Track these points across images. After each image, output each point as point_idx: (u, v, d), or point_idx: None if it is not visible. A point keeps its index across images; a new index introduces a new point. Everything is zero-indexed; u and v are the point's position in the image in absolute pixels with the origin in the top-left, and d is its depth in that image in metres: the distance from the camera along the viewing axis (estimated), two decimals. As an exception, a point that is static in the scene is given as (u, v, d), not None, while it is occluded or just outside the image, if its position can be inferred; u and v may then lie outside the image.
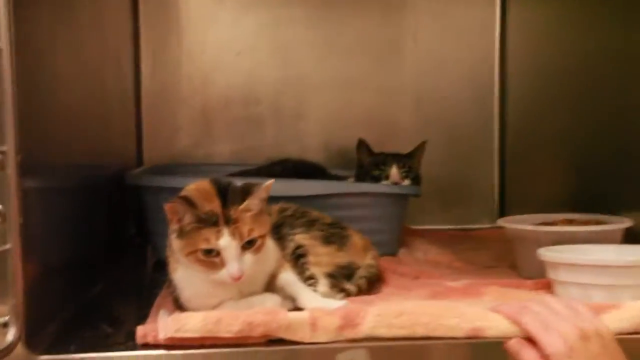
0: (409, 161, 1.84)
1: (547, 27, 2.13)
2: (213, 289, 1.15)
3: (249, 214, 1.12)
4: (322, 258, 1.32)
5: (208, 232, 1.09)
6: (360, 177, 1.84)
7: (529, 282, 1.38)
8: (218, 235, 1.09)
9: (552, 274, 1.27)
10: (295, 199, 1.45)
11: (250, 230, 1.12)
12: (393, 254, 1.71)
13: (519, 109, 2.20)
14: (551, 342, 0.98)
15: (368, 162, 1.86)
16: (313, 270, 1.29)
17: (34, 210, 1.05)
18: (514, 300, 1.24)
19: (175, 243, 1.14)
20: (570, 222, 1.55)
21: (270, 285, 1.23)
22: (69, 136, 1.32)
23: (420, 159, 1.89)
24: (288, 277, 1.23)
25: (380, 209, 1.68)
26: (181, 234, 1.12)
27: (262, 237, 1.15)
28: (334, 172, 2.00)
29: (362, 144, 1.89)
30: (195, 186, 1.16)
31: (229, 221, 1.10)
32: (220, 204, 1.12)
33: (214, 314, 1.06)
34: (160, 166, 1.98)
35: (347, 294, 1.30)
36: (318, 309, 1.10)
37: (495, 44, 2.23)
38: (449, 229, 2.11)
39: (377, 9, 2.20)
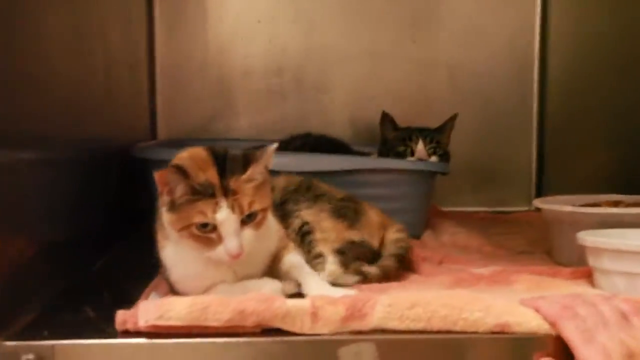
0: (437, 136, 1.70)
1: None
2: (205, 269, 1.05)
3: (250, 184, 1.01)
4: (329, 234, 1.20)
5: (204, 205, 0.98)
6: (384, 153, 1.72)
7: (566, 270, 1.24)
8: (215, 207, 0.98)
9: (593, 262, 1.13)
10: (313, 175, 1.34)
11: (251, 203, 1.01)
12: (417, 236, 1.58)
13: (560, 82, 2.04)
14: (590, 358, 0.84)
15: (393, 137, 1.73)
16: (320, 248, 1.17)
17: (13, 185, 0.96)
18: (548, 290, 1.11)
19: (165, 217, 1.03)
20: (616, 204, 1.40)
21: (273, 269, 1.11)
22: (56, 106, 1.21)
23: (449, 134, 1.75)
24: (293, 260, 1.11)
25: (403, 187, 1.55)
26: (172, 207, 1.01)
27: (264, 210, 1.03)
28: (359, 148, 1.87)
29: (386, 118, 1.76)
30: (189, 154, 1.05)
31: (227, 192, 0.99)
32: (217, 174, 1.00)
33: (201, 300, 0.93)
34: (173, 140, 1.88)
35: (366, 278, 1.18)
36: (321, 296, 0.98)
37: (536, 12, 2.07)
38: (480, 212, 1.97)
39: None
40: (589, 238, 1.14)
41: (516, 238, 1.61)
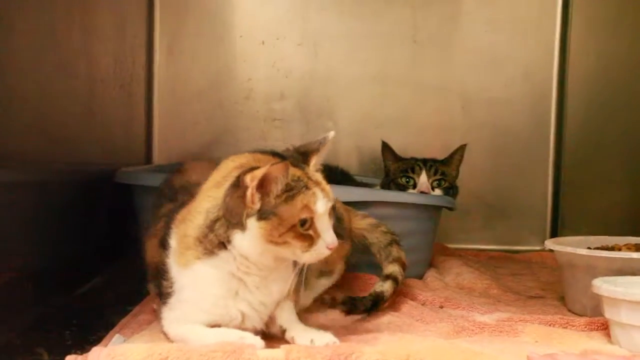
0: (442, 168, 1.59)
1: (617, 15, 1.87)
2: (233, 293, 0.95)
3: (319, 173, 0.96)
4: None
5: (306, 198, 0.91)
6: (386, 185, 1.61)
7: (580, 320, 1.13)
8: (314, 199, 0.91)
9: (610, 313, 1.02)
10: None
11: (330, 189, 0.95)
12: (419, 276, 1.46)
13: (578, 114, 1.93)
14: None
15: (395, 168, 1.63)
16: None
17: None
18: (558, 344, 1.00)
19: (257, 228, 0.90)
20: (637, 247, 1.27)
21: None
22: (33, 125, 1.15)
23: (457, 166, 1.64)
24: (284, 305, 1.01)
25: (404, 222, 1.42)
26: (266, 213, 0.90)
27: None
28: (364, 179, 1.77)
29: (385, 148, 1.66)
30: (250, 157, 0.97)
31: (313, 182, 0.93)
32: (294, 167, 0.93)
33: (159, 349, 0.83)
34: (160, 165, 1.78)
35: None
36: (297, 348, 0.86)
37: (555, 42, 1.96)
38: (490, 250, 1.85)
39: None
40: (605, 286, 1.02)
41: (527, 280, 1.49)
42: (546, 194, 1.96)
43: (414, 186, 1.56)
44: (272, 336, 0.99)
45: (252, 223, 0.90)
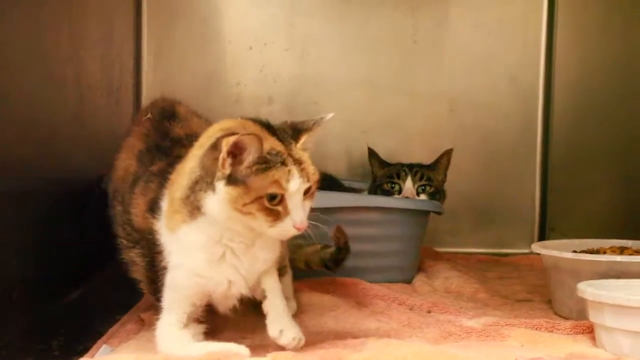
0: (428, 173, 1.60)
1: (603, 19, 1.88)
2: (222, 257, 0.95)
3: (307, 153, 0.95)
4: None
5: (278, 173, 0.89)
6: (373, 191, 1.61)
7: (565, 323, 1.13)
8: (288, 176, 0.90)
9: (594, 317, 1.02)
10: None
11: (314, 171, 0.94)
12: (408, 280, 1.46)
13: (566, 116, 1.93)
14: None
15: (381, 174, 1.63)
16: None
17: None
18: (544, 347, 1.01)
19: (224, 192, 0.89)
20: (622, 250, 1.28)
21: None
22: (19, 132, 1.13)
23: (444, 171, 1.64)
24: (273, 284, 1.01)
25: (391, 227, 1.44)
26: (234, 180, 0.89)
27: (316, 182, 0.95)
28: (353, 183, 1.76)
29: (372, 154, 1.67)
30: (238, 124, 0.94)
31: (294, 161, 0.92)
32: (279, 141, 0.92)
33: (147, 359, 0.83)
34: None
35: None
36: (284, 356, 0.87)
37: (541, 45, 1.97)
38: (479, 253, 1.85)
39: (407, 1, 1.96)
40: (589, 290, 1.03)
41: (514, 284, 1.50)
42: (534, 198, 1.96)
43: (400, 191, 1.56)
44: (257, 345, 0.99)
45: (220, 187, 0.89)
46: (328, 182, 1.65)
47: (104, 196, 1.50)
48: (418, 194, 1.56)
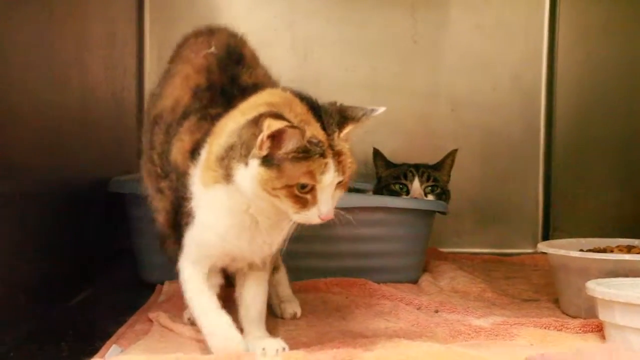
0: (435, 173, 1.60)
1: (603, 22, 1.88)
2: (242, 221, 0.93)
3: (348, 144, 0.90)
4: None
5: (314, 165, 0.86)
6: (379, 191, 1.61)
7: (574, 322, 1.13)
8: (324, 169, 0.86)
9: (604, 315, 1.02)
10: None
11: (350, 165, 0.90)
12: (414, 280, 1.46)
13: (569, 115, 1.94)
14: None
15: (387, 175, 1.63)
16: None
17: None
18: (553, 346, 1.00)
19: (257, 172, 0.87)
20: (630, 249, 1.28)
21: None
22: (23, 135, 1.13)
23: (449, 171, 1.64)
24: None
25: (398, 227, 1.43)
26: (270, 162, 0.87)
27: (353, 174, 0.92)
28: (356, 184, 1.76)
29: (377, 154, 1.67)
30: (283, 101, 0.89)
31: (333, 153, 0.87)
32: (322, 129, 0.88)
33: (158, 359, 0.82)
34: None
35: None
36: (296, 355, 0.87)
37: (543, 44, 1.97)
38: (483, 253, 1.85)
39: (407, 2, 1.97)
40: (598, 288, 1.03)
41: (520, 283, 1.50)
42: (537, 197, 1.96)
43: (407, 192, 1.57)
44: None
45: (253, 164, 0.87)
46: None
47: (109, 199, 1.51)
48: (426, 194, 1.56)
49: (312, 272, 1.38)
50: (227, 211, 0.92)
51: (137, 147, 1.89)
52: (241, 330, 0.99)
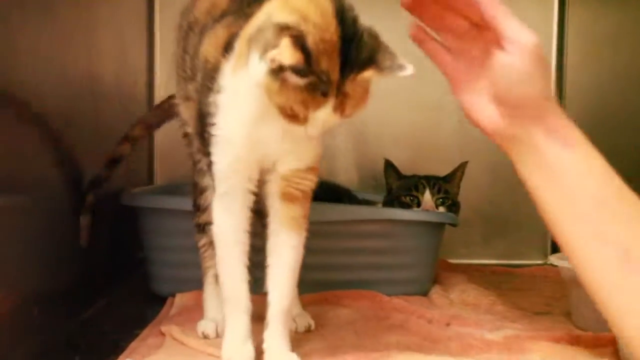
0: (445, 185, 1.60)
1: (613, 32, 1.88)
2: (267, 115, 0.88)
3: (363, 86, 0.86)
4: None
5: (311, 101, 0.83)
6: (389, 203, 1.61)
7: (587, 336, 1.13)
8: (319, 106, 0.83)
9: (617, 329, 1.00)
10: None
11: (355, 105, 0.87)
12: (423, 293, 1.46)
13: (578, 126, 1.92)
14: None
15: (398, 186, 1.63)
16: None
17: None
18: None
19: (262, 78, 0.83)
20: (641, 262, 1.27)
21: None
22: (36, 144, 1.13)
23: (459, 183, 1.64)
24: None
25: (409, 240, 1.44)
26: (277, 76, 0.82)
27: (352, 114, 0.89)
28: (365, 195, 1.77)
29: (388, 166, 1.66)
30: (317, 13, 0.82)
31: (339, 93, 0.84)
32: (339, 67, 0.82)
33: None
34: (170, 185, 1.78)
35: None
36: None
37: (552, 53, 1.97)
38: (492, 265, 1.84)
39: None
40: (612, 302, 1.02)
41: (531, 296, 1.49)
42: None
43: (419, 204, 1.57)
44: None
45: (262, 67, 0.82)
46: (342, 195, 1.66)
47: (121, 211, 1.51)
48: (437, 206, 1.57)
49: (321, 285, 1.38)
50: (252, 96, 0.88)
51: (147, 156, 1.93)
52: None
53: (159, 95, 1.96)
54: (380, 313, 1.30)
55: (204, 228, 1.17)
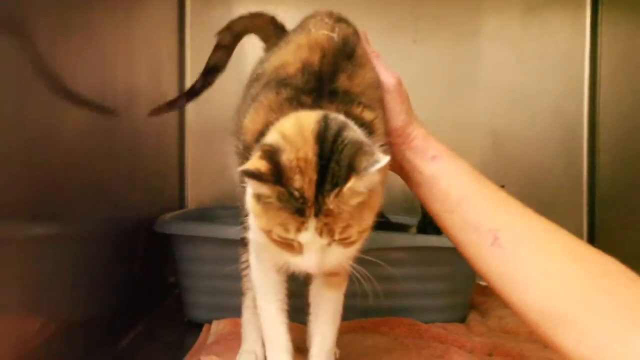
0: (481, 209, 1.57)
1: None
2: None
3: (353, 201, 0.78)
4: None
5: (289, 220, 0.78)
6: (423, 230, 1.59)
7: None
8: (300, 227, 0.78)
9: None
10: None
11: (346, 227, 0.79)
12: (461, 320, 1.44)
13: (612, 149, 1.90)
14: None
15: (431, 210, 1.60)
16: None
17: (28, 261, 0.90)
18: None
19: (249, 200, 0.82)
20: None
21: None
22: (76, 177, 1.13)
23: (494, 207, 1.62)
24: None
25: (445, 267, 1.42)
26: (259, 199, 0.80)
27: (363, 232, 0.82)
28: (399, 218, 1.75)
29: None
30: (296, 134, 0.79)
31: (320, 212, 0.77)
32: (315, 184, 0.77)
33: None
34: (199, 210, 1.78)
35: None
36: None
37: (584, 77, 1.96)
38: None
39: (446, 35, 1.97)
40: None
41: (570, 322, 1.46)
42: (581, 230, 1.93)
43: (454, 230, 1.55)
44: None
45: (250, 194, 0.83)
46: (379, 221, 1.65)
47: (155, 238, 1.51)
48: (473, 233, 1.54)
49: (356, 312, 1.37)
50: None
51: (178, 179, 1.94)
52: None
53: (190, 116, 1.97)
54: (419, 342, 1.28)
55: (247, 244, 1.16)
